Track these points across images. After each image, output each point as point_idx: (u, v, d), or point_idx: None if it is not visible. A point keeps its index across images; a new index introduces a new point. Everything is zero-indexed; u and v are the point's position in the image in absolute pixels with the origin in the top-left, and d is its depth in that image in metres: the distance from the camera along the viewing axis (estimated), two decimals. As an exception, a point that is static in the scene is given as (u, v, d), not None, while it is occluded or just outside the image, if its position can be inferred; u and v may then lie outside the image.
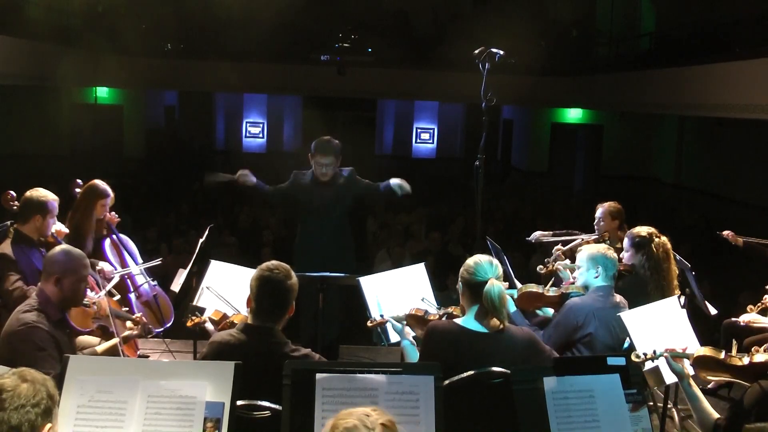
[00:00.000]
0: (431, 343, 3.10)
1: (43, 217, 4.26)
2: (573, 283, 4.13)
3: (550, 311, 4.16)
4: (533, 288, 3.99)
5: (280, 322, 2.99)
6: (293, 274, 3.03)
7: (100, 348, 3.76)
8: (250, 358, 2.67)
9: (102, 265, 4.76)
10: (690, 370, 3.21)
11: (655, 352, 3.17)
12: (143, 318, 4.09)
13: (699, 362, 3.16)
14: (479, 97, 4.67)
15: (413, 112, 20.51)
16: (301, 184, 5.48)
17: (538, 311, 4.24)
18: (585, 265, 3.92)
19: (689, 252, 8.26)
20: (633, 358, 3.05)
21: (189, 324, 3.88)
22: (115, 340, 3.79)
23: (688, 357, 3.17)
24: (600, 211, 5.24)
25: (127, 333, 3.92)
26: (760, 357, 3.06)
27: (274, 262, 3.05)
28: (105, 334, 3.94)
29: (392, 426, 1.91)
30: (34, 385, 2.05)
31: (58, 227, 4.51)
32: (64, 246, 3.60)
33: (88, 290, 3.76)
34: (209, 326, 3.76)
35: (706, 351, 3.17)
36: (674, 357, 3.15)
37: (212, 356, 2.90)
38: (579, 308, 3.76)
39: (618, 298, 3.91)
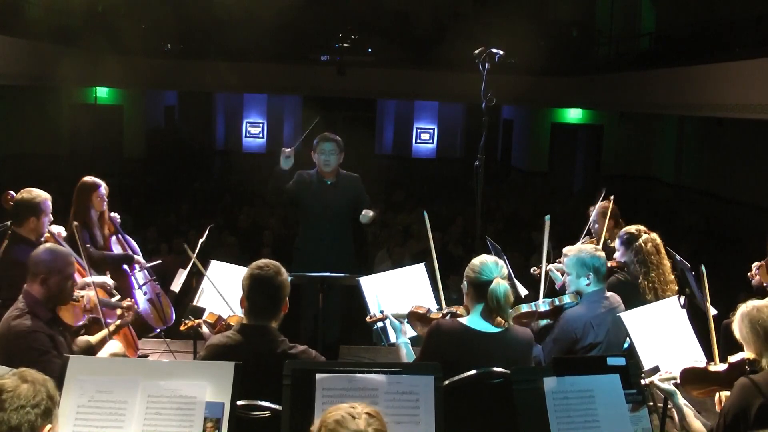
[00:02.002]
0: (435, 341, 3.10)
1: (37, 218, 4.26)
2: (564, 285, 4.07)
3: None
4: (524, 308, 3.90)
5: (275, 319, 2.99)
6: (284, 270, 3.02)
7: (94, 339, 3.72)
8: (248, 358, 2.67)
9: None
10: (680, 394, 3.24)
11: (643, 377, 3.20)
12: (132, 303, 4.07)
13: (685, 378, 3.17)
14: (479, 97, 4.67)
15: (413, 112, 20.53)
16: (305, 183, 5.43)
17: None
18: (574, 271, 3.80)
19: (689, 252, 8.25)
20: None
21: (182, 328, 3.86)
22: (104, 332, 3.75)
23: (674, 378, 3.20)
24: (593, 214, 5.24)
25: (119, 321, 3.88)
26: (735, 357, 3.07)
27: (264, 260, 3.05)
28: (98, 326, 3.89)
29: (377, 415, 1.99)
30: (35, 386, 2.04)
31: (58, 230, 4.51)
32: (48, 245, 3.56)
33: (78, 277, 3.73)
34: (204, 329, 3.74)
35: (689, 365, 3.21)
36: (662, 380, 3.19)
37: (210, 359, 2.89)
38: (575, 320, 3.69)
39: (612, 298, 3.88)
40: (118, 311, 3.95)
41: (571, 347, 3.68)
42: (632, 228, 4.55)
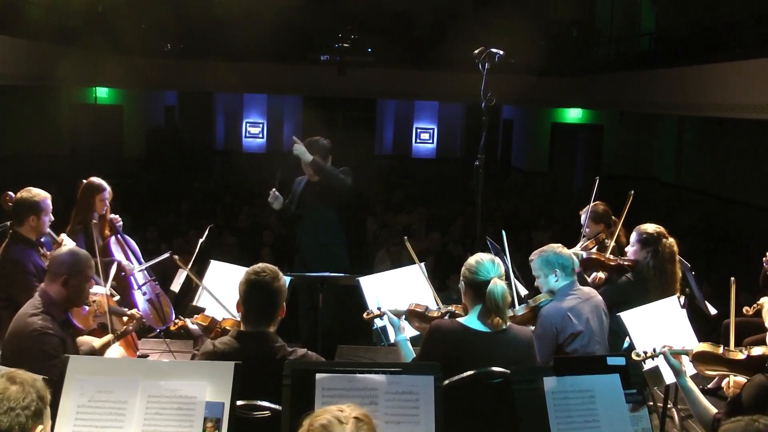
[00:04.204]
0: (434, 341, 3.09)
1: (38, 217, 4.26)
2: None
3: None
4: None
5: (272, 324, 2.96)
6: (281, 275, 2.99)
7: (97, 343, 3.76)
8: (247, 365, 2.63)
9: (124, 263, 4.94)
10: (689, 367, 3.24)
11: (654, 350, 3.20)
12: (138, 313, 4.09)
13: (698, 357, 3.20)
14: (479, 97, 4.67)
15: (413, 112, 20.52)
16: (300, 185, 5.52)
17: None
18: (542, 272, 3.86)
19: (689, 252, 8.25)
20: (633, 356, 3.07)
21: (172, 328, 3.88)
22: (109, 336, 3.78)
23: (687, 353, 3.20)
24: (582, 218, 5.24)
25: (124, 329, 3.91)
26: (757, 350, 3.09)
27: (261, 264, 3.02)
28: (104, 331, 3.93)
29: (366, 419, 1.89)
30: (24, 387, 2.02)
31: (69, 242, 4.51)
32: (70, 247, 3.60)
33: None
34: (192, 326, 3.73)
35: (705, 347, 3.22)
36: (673, 354, 3.18)
37: None
38: (552, 314, 3.73)
39: (586, 289, 3.89)
40: (125, 319, 3.98)
41: (554, 341, 3.71)
42: (651, 228, 4.46)
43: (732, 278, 3.78)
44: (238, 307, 2.99)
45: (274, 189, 5.51)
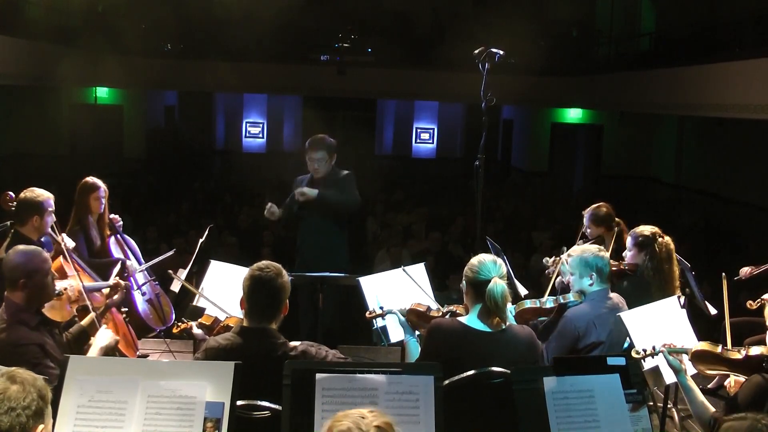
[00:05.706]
0: (434, 340, 3.10)
1: (41, 217, 4.25)
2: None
3: None
4: (529, 304, 3.88)
5: (275, 321, 2.98)
6: (284, 272, 3.01)
7: (84, 323, 3.68)
8: (248, 361, 2.65)
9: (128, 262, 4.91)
10: (688, 366, 3.25)
11: (654, 348, 3.20)
12: (120, 281, 4.03)
13: (697, 357, 3.21)
14: (479, 97, 4.67)
15: (413, 112, 20.52)
16: (302, 184, 5.52)
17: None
18: (578, 271, 3.80)
19: (689, 252, 8.25)
20: (633, 354, 3.07)
21: (175, 331, 3.84)
22: (92, 315, 3.69)
23: (686, 352, 3.21)
24: (585, 219, 5.18)
25: (107, 301, 3.83)
26: (755, 350, 3.10)
27: (265, 261, 3.04)
28: (88, 312, 3.80)
29: (388, 428, 1.88)
30: (24, 387, 2.02)
31: (69, 242, 4.49)
32: (17, 247, 3.45)
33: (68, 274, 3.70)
34: (196, 331, 3.72)
35: (704, 346, 3.23)
36: (672, 352, 3.19)
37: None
38: (578, 317, 3.68)
39: (616, 298, 3.85)
40: (105, 291, 3.90)
41: (573, 345, 3.67)
42: (647, 230, 4.43)
43: (723, 273, 3.76)
44: (242, 303, 3.01)
45: (269, 204, 5.50)
